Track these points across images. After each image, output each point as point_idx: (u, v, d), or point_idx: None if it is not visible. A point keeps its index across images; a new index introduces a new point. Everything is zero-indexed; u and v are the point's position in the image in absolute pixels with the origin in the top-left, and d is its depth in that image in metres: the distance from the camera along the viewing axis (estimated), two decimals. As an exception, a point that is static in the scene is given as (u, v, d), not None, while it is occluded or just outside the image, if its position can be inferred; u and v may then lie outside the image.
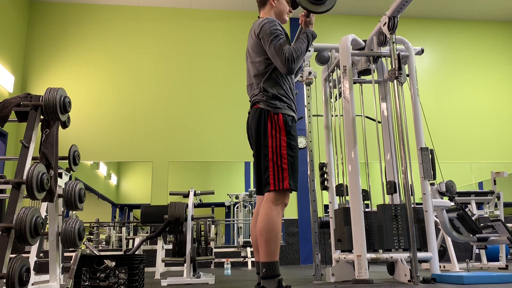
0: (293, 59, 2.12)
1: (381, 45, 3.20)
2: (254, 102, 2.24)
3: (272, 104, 2.16)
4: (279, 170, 2.08)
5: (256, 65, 2.26)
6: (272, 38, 2.16)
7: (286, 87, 2.23)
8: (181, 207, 3.44)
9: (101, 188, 7.78)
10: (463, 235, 3.66)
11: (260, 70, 2.23)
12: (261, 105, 2.17)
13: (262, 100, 2.18)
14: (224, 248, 6.94)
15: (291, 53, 2.13)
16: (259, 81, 2.23)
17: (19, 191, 1.80)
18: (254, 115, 2.19)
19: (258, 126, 2.16)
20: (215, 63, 7.80)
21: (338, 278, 3.04)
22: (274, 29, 2.18)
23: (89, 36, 7.62)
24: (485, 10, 8.34)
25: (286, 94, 2.21)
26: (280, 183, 2.07)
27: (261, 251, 2.04)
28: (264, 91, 2.19)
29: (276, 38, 2.16)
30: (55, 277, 2.29)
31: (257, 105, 2.20)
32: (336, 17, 8.21)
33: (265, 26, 2.20)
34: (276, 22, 2.24)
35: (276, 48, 2.14)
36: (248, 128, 2.29)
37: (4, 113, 2.11)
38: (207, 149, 7.39)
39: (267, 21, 2.22)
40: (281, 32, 2.21)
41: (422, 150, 2.95)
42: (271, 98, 2.17)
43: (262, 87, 2.20)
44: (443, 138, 7.64)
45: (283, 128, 2.13)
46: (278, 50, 2.13)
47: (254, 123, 2.19)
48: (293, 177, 2.11)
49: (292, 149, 2.13)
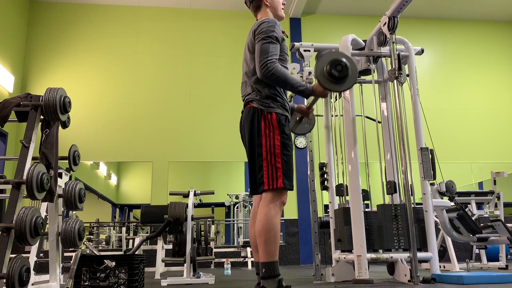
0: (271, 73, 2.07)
1: (381, 45, 3.20)
2: (248, 101, 2.23)
3: (266, 103, 2.15)
4: (273, 169, 2.08)
5: (250, 64, 2.25)
6: (263, 37, 2.13)
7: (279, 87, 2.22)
8: (181, 207, 3.44)
9: (101, 188, 7.78)
10: (463, 235, 3.66)
11: (254, 69, 2.21)
12: (255, 104, 2.17)
13: (255, 99, 2.17)
14: (224, 248, 6.94)
15: (275, 68, 2.07)
16: (252, 80, 2.22)
17: (19, 191, 1.80)
18: (248, 115, 2.19)
19: (251, 125, 2.15)
20: (215, 63, 7.80)
21: (338, 278, 3.04)
22: (271, 30, 2.15)
23: (89, 36, 7.62)
24: (485, 10, 8.34)
25: (279, 94, 2.20)
26: (274, 182, 2.06)
27: (260, 251, 2.04)
28: (257, 90, 2.18)
29: (267, 39, 2.13)
30: (55, 277, 2.28)
31: (251, 104, 2.19)
32: (336, 17, 8.21)
33: (263, 24, 2.19)
34: (276, 25, 2.20)
35: (262, 48, 2.11)
36: (241, 127, 2.27)
37: (4, 113, 2.11)
38: (207, 149, 7.39)
39: (267, 21, 2.20)
40: (277, 36, 2.16)
41: (422, 150, 2.95)
42: (264, 98, 2.16)
43: (255, 86, 2.19)
44: (443, 138, 7.64)
45: (277, 127, 2.12)
46: (263, 51, 2.10)
47: (247, 123, 2.18)
48: (287, 176, 2.09)
49: (286, 148, 2.12)
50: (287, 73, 2.12)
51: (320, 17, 8.17)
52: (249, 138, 2.17)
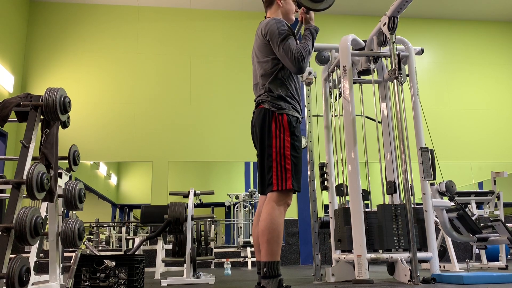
0: (302, 58, 2.15)
1: (381, 45, 3.20)
2: (259, 102, 2.24)
3: (277, 105, 2.16)
4: (282, 170, 2.09)
5: (263, 65, 2.26)
6: (281, 38, 2.17)
7: (292, 88, 2.24)
8: (181, 207, 3.44)
9: (101, 188, 7.78)
10: (463, 235, 3.66)
11: (267, 70, 2.23)
12: (266, 106, 2.18)
13: (267, 101, 2.19)
14: (224, 248, 6.94)
15: (300, 52, 2.15)
16: (265, 82, 2.23)
17: (19, 191, 1.80)
18: (259, 115, 2.20)
19: (262, 126, 2.16)
20: (215, 63, 7.79)
21: (338, 278, 3.04)
22: (283, 30, 2.19)
23: (89, 36, 7.62)
24: (485, 10, 8.34)
25: (292, 95, 2.22)
26: (283, 183, 2.07)
27: (262, 251, 2.04)
28: (270, 91, 2.20)
29: (285, 39, 2.17)
30: (55, 277, 2.28)
31: (262, 105, 2.20)
32: (336, 17, 8.21)
33: (272, 26, 2.21)
34: (283, 22, 2.24)
35: (285, 48, 2.15)
36: (253, 128, 2.29)
37: (4, 113, 2.11)
38: (207, 149, 7.39)
39: (274, 21, 2.22)
40: (289, 31, 2.22)
41: (422, 150, 2.95)
42: (276, 99, 2.17)
43: (268, 87, 2.21)
44: (443, 138, 7.64)
45: (287, 128, 2.13)
46: (287, 50, 2.14)
47: (258, 123, 2.19)
48: (296, 177, 2.11)
49: (296, 150, 2.13)
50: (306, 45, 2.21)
51: (320, 17, 8.17)
52: (259, 139, 2.19)
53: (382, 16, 3.04)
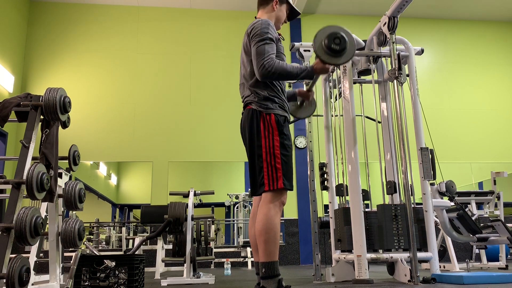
0: (271, 70, 2.07)
1: (381, 45, 3.20)
2: (247, 103, 2.24)
3: (264, 105, 2.16)
4: (273, 170, 2.08)
5: (247, 66, 2.25)
6: (259, 39, 2.14)
7: (277, 89, 2.22)
8: (181, 207, 3.44)
9: (101, 188, 7.78)
10: (463, 235, 3.66)
11: (252, 71, 2.20)
12: (253, 106, 2.17)
13: (254, 101, 2.18)
14: (224, 248, 6.94)
15: (273, 65, 2.08)
16: (250, 83, 2.22)
17: (19, 191, 1.80)
18: (247, 116, 2.20)
19: (251, 127, 2.16)
20: (215, 63, 7.80)
21: (338, 278, 3.04)
22: (265, 32, 2.15)
23: (89, 36, 7.62)
24: (485, 10, 8.34)
25: (277, 95, 2.21)
26: (275, 183, 2.07)
27: (260, 251, 2.04)
28: (255, 93, 2.19)
29: (263, 41, 2.13)
30: (55, 277, 2.29)
31: (250, 106, 2.20)
32: (336, 17, 8.21)
33: (256, 25, 2.19)
34: (270, 25, 2.20)
35: (258, 50, 2.11)
36: (242, 129, 2.28)
37: (4, 113, 2.11)
38: (207, 149, 7.39)
39: (261, 22, 2.20)
40: (271, 36, 2.17)
41: (422, 150, 2.95)
42: (263, 99, 2.17)
43: (253, 89, 2.20)
44: (443, 138, 7.64)
45: (276, 128, 2.13)
46: (260, 53, 2.11)
47: (247, 124, 2.19)
48: (287, 176, 2.10)
49: (285, 149, 2.13)
50: (285, 66, 2.12)
51: (320, 17, 8.16)
52: (249, 140, 2.18)
53: (382, 16, 3.04)
